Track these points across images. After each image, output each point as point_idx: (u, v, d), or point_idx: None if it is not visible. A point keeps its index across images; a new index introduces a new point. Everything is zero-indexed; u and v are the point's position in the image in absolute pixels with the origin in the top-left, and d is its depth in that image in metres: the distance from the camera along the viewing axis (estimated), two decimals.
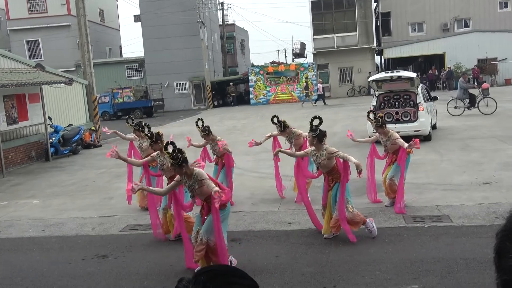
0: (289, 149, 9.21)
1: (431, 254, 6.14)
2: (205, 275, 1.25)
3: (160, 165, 7.45)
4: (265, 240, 7.20)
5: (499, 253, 1.23)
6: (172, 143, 5.75)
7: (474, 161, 11.43)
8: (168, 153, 5.65)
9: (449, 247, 6.35)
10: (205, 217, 5.90)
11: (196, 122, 9.06)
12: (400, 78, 14.78)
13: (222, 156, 9.03)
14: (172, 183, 6.00)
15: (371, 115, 8.39)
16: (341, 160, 6.77)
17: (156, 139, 7.47)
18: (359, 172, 6.53)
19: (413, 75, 15.06)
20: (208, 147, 9.25)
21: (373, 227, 6.90)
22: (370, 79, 16.03)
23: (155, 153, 7.57)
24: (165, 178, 7.89)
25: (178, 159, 5.66)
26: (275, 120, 9.10)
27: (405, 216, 7.70)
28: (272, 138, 9.44)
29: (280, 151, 7.40)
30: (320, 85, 33.96)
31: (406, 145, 7.82)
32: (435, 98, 16.96)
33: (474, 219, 7.37)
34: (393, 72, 15.52)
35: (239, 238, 7.32)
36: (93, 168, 14.81)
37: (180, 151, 5.71)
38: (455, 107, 20.31)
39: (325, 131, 6.93)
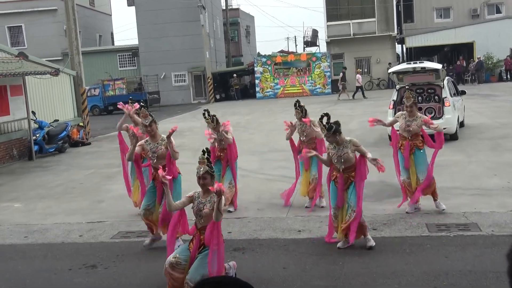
0: (299, 143, 9.31)
1: (457, 267, 6.13)
2: (207, 286, 1.27)
3: (152, 152, 7.42)
4: (272, 249, 7.21)
5: None
6: (207, 149, 5.81)
7: (507, 163, 11.39)
8: (206, 159, 5.64)
9: (477, 259, 6.33)
10: (196, 254, 5.63)
11: (204, 114, 9.10)
12: (423, 69, 14.74)
13: (225, 148, 9.06)
14: (185, 199, 5.81)
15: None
16: (359, 155, 6.91)
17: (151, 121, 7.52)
18: (379, 166, 6.76)
19: (438, 66, 15.02)
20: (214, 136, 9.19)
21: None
22: (390, 70, 16.02)
23: (143, 140, 7.57)
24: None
25: (213, 168, 5.74)
26: (297, 105, 9.06)
27: (429, 224, 7.70)
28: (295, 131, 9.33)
29: (318, 157, 7.38)
30: (359, 76, 33.28)
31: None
32: (463, 93, 16.92)
33: (506, 228, 7.35)
34: (416, 63, 15.48)
35: (243, 247, 7.34)
36: (81, 168, 14.87)
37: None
38: None
39: (337, 121, 7.01)
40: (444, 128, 14.29)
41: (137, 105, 9.04)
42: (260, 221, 8.50)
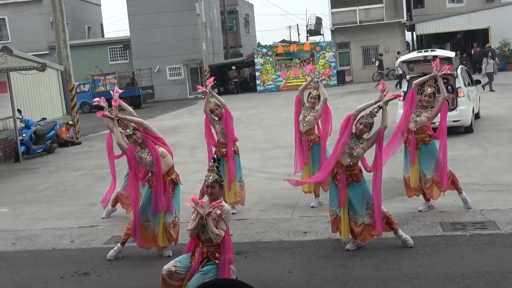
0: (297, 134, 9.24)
1: (474, 268, 6.15)
2: None
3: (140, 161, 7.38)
4: (276, 252, 7.22)
5: None
6: (217, 157, 5.83)
7: None
8: (216, 167, 5.65)
9: (496, 259, 6.35)
10: (198, 267, 5.62)
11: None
12: (435, 58, 14.70)
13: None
14: (196, 222, 5.62)
15: None
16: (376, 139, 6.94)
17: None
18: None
19: (451, 54, 15.00)
20: (218, 129, 9.17)
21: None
22: (400, 59, 16.02)
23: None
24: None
25: (223, 177, 5.81)
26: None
27: (443, 223, 7.71)
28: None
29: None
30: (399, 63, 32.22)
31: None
32: (478, 82, 16.91)
33: None
34: (427, 51, 15.47)
35: (246, 250, 7.35)
36: (71, 169, 14.89)
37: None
38: None
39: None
40: (458, 121, 14.33)
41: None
42: (263, 223, 8.52)
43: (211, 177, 5.58)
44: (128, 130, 7.20)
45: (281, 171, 12.00)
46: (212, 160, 5.77)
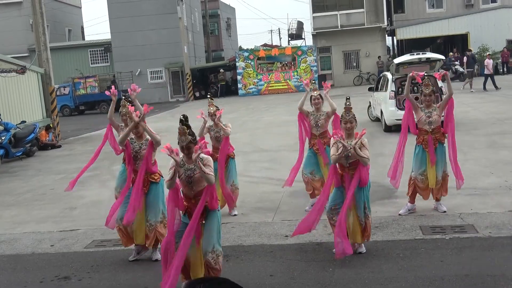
0: (310, 138, 9.11)
1: (453, 271, 6.21)
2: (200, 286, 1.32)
3: (135, 152, 7.37)
4: (258, 256, 7.24)
5: None
6: (184, 117, 5.80)
7: (504, 161, 11.52)
8: (187, 126, 5.65)
9: (474, 262, 6.42)
10: (202, 222, 5.71)
11: (208, 97, 9.34)
12: (428, 60, 15.59)
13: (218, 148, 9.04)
14: (172, 171, 5.73)
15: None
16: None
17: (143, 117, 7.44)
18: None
19: (442, 57, 15.90)
20: (212, 135, 9.19)
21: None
22: (395, 61, 16.54)
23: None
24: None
25: (195, 135, 5.80)
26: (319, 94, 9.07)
27: (423, 227, 7.78)
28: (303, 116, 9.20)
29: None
30: (488, 61, 27.76)
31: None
32: None
33: (504, 229, 7.45)
34: (419, 54, 16.27)
35: (227, 254, 7.34)
36: (51, 173, 14.78)
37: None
38: None
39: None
40: (442, 116, 14.58)
41: (135, 87, 8.78)
42: (244, 227, 8.53)
43: (185, 141, 5.69)
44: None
45: (263, 175, 12.03)
46: (180, 123, 5.75)
